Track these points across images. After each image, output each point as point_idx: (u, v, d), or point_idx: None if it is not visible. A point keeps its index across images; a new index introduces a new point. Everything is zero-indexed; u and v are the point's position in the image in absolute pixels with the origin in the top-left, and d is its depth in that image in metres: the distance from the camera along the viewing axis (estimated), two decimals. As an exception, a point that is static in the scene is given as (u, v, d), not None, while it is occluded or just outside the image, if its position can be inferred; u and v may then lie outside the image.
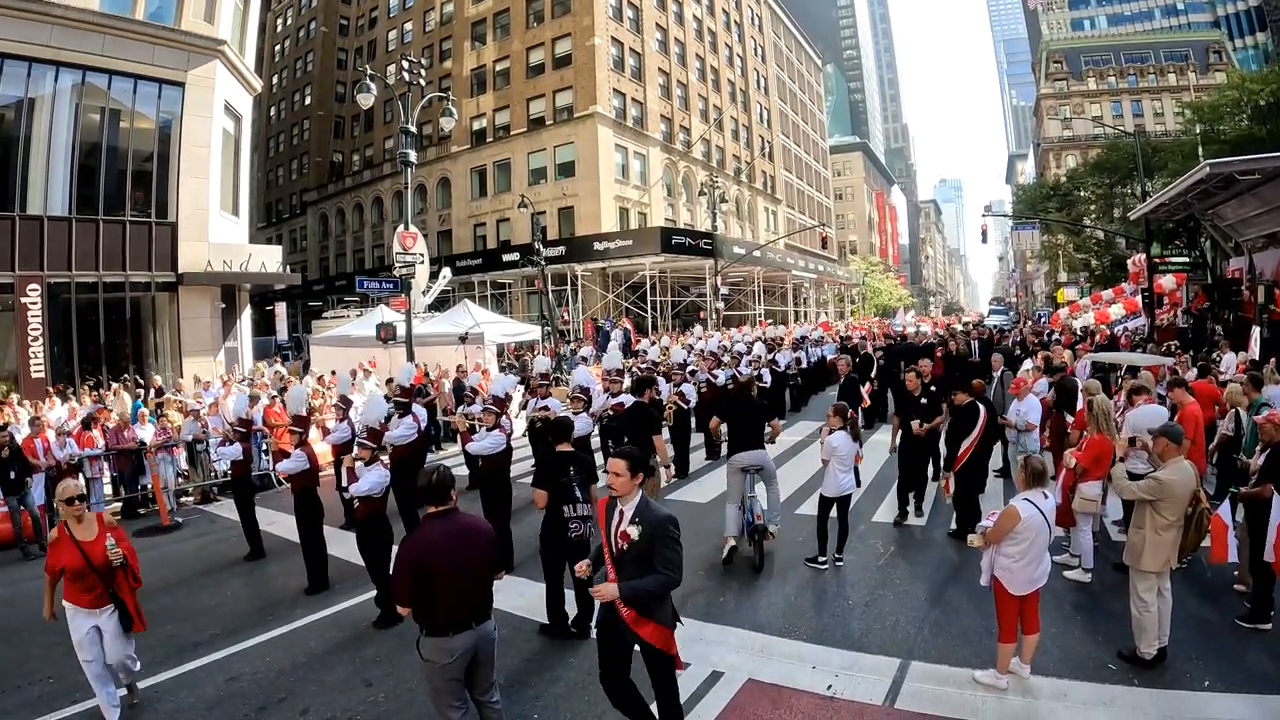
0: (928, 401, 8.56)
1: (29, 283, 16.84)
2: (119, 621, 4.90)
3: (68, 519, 4.96)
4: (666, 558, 3.71)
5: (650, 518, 3.82)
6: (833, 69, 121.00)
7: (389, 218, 47.39)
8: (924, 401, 8.55)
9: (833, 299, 62.97)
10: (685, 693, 4.89)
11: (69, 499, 4.95)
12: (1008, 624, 4.75)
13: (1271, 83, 30.52)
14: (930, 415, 8.49)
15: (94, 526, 4.98)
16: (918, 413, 8.51)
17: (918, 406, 8.55)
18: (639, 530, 3.78)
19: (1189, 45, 66.21)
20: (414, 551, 3.77)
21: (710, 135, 48.13)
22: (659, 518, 3.80)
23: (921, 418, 8.47)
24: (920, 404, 8.56)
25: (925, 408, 8.53)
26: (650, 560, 3.72)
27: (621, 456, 3.95)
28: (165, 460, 11.36)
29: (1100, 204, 41.30)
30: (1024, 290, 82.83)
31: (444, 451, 14.64)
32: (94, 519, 5.06)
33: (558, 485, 5.69)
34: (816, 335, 23.61)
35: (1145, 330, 20.76)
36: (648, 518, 3.82)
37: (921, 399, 8.59)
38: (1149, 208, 18.56)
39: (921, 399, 8.59)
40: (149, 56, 18.46)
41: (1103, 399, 6.92)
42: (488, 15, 43.04)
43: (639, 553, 3.77)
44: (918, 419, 8.48)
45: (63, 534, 4.86)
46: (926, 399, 8.59)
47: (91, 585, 4.80)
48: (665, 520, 3.80)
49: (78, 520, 4.95)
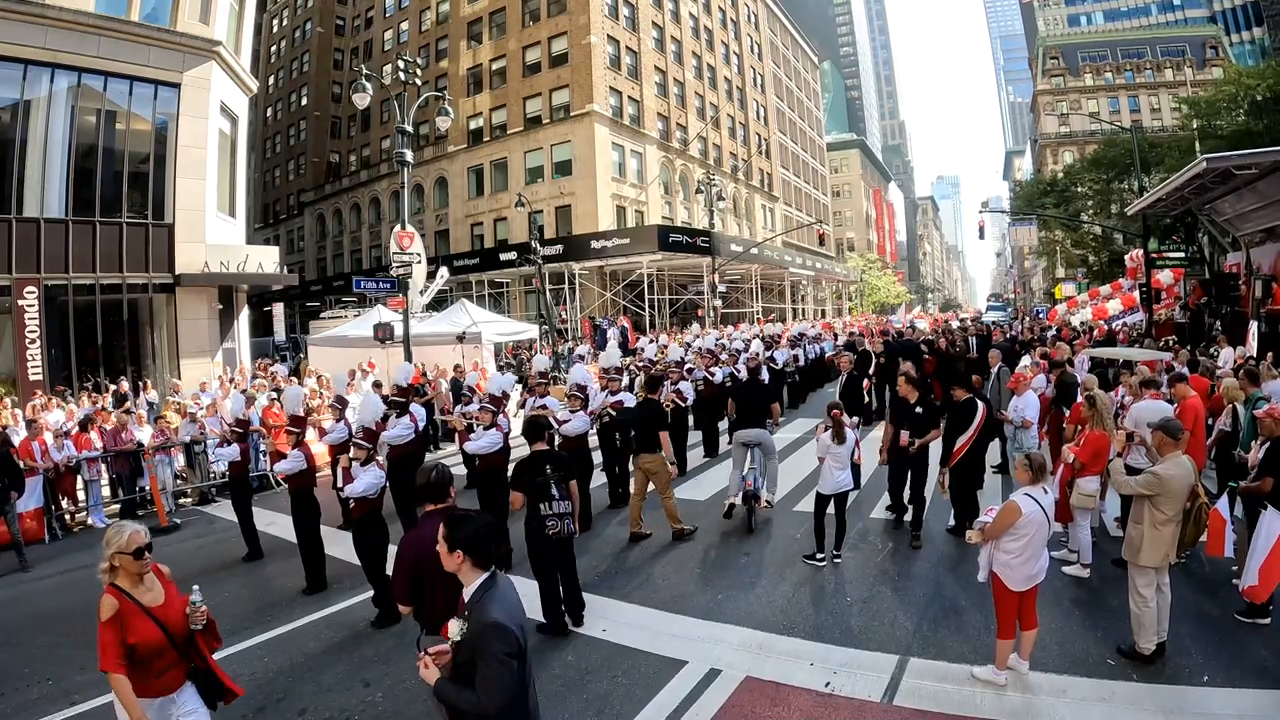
0: (924, 411, 7.65)
1: (26, 285, 16.80)
2: (202, 698, 3.53)
3: (125, 578, 3.39)
4: (485, 678, 2.72)
5: (478, 619, 2.77)
6: (829, 66, 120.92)
7: (386, 218, 47.37)
8: (919, 411, 7.63)
9: (831, 296, 62.97)
10: (683, 691, 4.91)
11: (135, 550, 3.35)
12: (1006, 620, 4.75)
13: (1268, 77, 30.55)
14: (924, 427, 7.61)
15: (156, 583, 3.52)
16: (911, 422, 7.63)
17: (911, 415, 7.67)
18: (462, 630, 2.80)
19: (1185, 40, 66.29)
20: (413, 550, 3.76)
21: (707, 133, 48.11)
22: (484, 625, 2.75)
23: (915, 429, 7.59)
24: (915, 414, 7.65)
25: (920, 418, 7.63)
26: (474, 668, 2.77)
27: (445, 526, 3.00)
28: (163, 462, 11.35)
29: (1097, 199, 41.31)
30: (1022, 286, 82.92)
31: (442, 451, 14.63)
32: (152, 572, 3.53)
33: (533, 485, 5.76)
34: (814, 332, 23.60)
35: (1143, 325, 20.79)
36: (476, 618, 2.79)
37: (917, 408, 7.66)
38: (1146, 203, 18.57)
39: (917, 408, 7.66)
40: (144, 58, 18.42)
41: (1102, 394, 6.92)
42: (484, 14, 42.97)
43: (464, 658, 2.81)
44: (909, 429, 7.61)
45: (120, 602, 3.33)
46: (923, 408, 7.68)
47: (169, 663, 3.41)
48: (488, 631, 2.73)
49: (139, 579, 3.42)
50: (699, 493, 10.18)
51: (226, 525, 9.78)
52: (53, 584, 8.19)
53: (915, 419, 7.59)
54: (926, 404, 7.77)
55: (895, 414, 8.05)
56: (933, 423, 7.66)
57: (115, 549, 3.34)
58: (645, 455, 8.07)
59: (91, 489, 11.00)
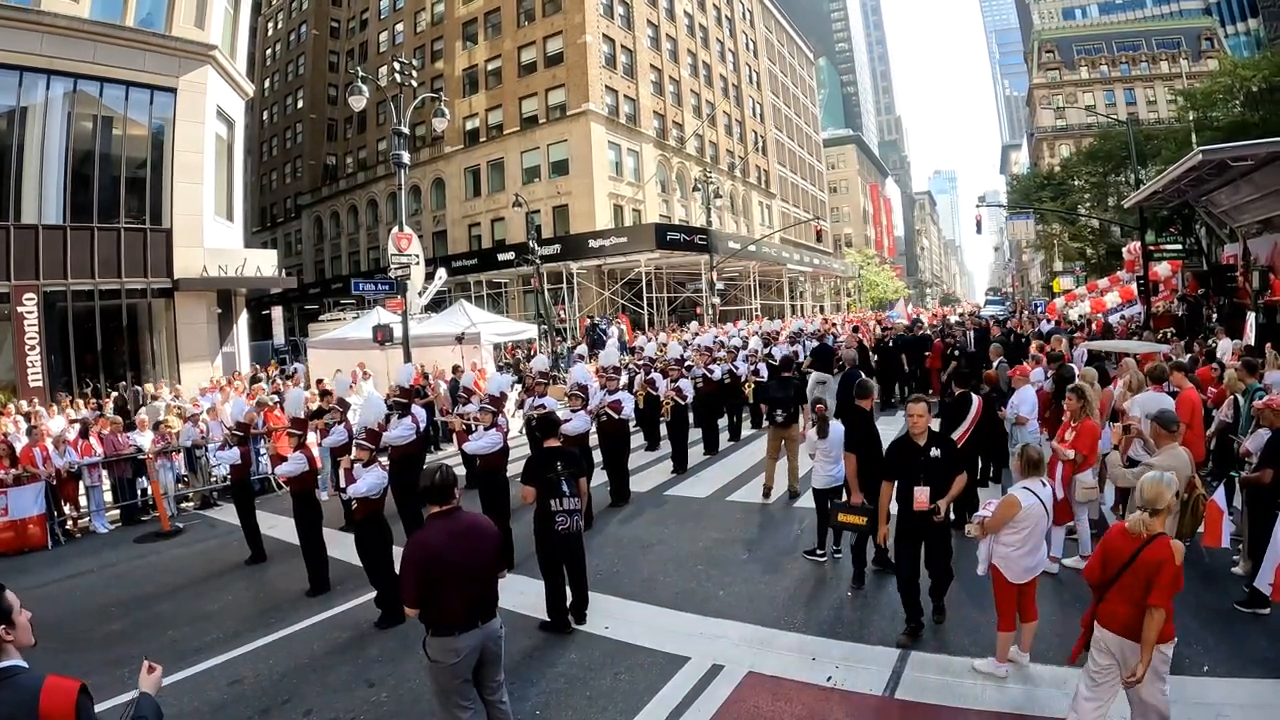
0: (942, 454, 5.28)
1: (25, 292, 16.82)
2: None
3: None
4: None
5: None
6: (825, 62, 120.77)
7: (384, 219, 47.35)
8: (935, 454, 5.25)
9: (829, 292, 62.98)
10: (686, 687, 4.93)
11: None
12: (1006, 612, 4.77)
13: (1263, 69, 30.54)
14: (944, 477, 5.22)
15: None
16: (926, 473, 5.19)
17: (923, 462, 5.23)
18: None
19: (1181, 33, 66.22)
20: (420, 552, 3.77)
21: (703, 131, 48.09)
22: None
23: (933, 481, 5.18)
24: (928, 460, 5.23)
25: (937, 465, 5.23)
26: None
27: None
28: (165, 466, 11.36)
29: (1094, 192, 41.28)
30: (1020, 280, 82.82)
31: (443, 451, 14.65)
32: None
33: (544, 481, 5.78)
34: (812, 328, 23.61)
35: (1141, 318, 20.79)
36: None
37: (932, 449, 5.26)
38: (1143, 195, 18.57)
39: (932, 449, 5.26)
40: (140, 63, 18.44)
41: (1088, 385, 6.89)
42: (478, 15, 42.95)
43: None
44: (926, 482, 5.16)
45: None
46: (941, 448, 5.30)
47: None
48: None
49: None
50: (700, 490, 10.21)
51: (229, 528, 9.80)
52: (53, 591, 8.19)
53: (931, 467, 5.23)
54: (944, 443, 5.41)
55: (897, 461, 5.38)
56: (952, 465, 5.31)
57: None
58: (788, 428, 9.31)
59: (93, 495, 11.03)
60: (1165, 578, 3.50)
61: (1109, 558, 3.75)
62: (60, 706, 2.28)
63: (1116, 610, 3.66)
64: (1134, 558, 3.60)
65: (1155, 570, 3.51)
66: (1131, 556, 3.61)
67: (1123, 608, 3.64)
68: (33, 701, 2.26)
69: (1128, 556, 3.63)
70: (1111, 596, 3.69)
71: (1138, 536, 3.64)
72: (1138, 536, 3.64)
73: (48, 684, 2.32)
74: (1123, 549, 3.68)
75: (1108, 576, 3.72)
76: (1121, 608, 3.64)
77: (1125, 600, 3.63)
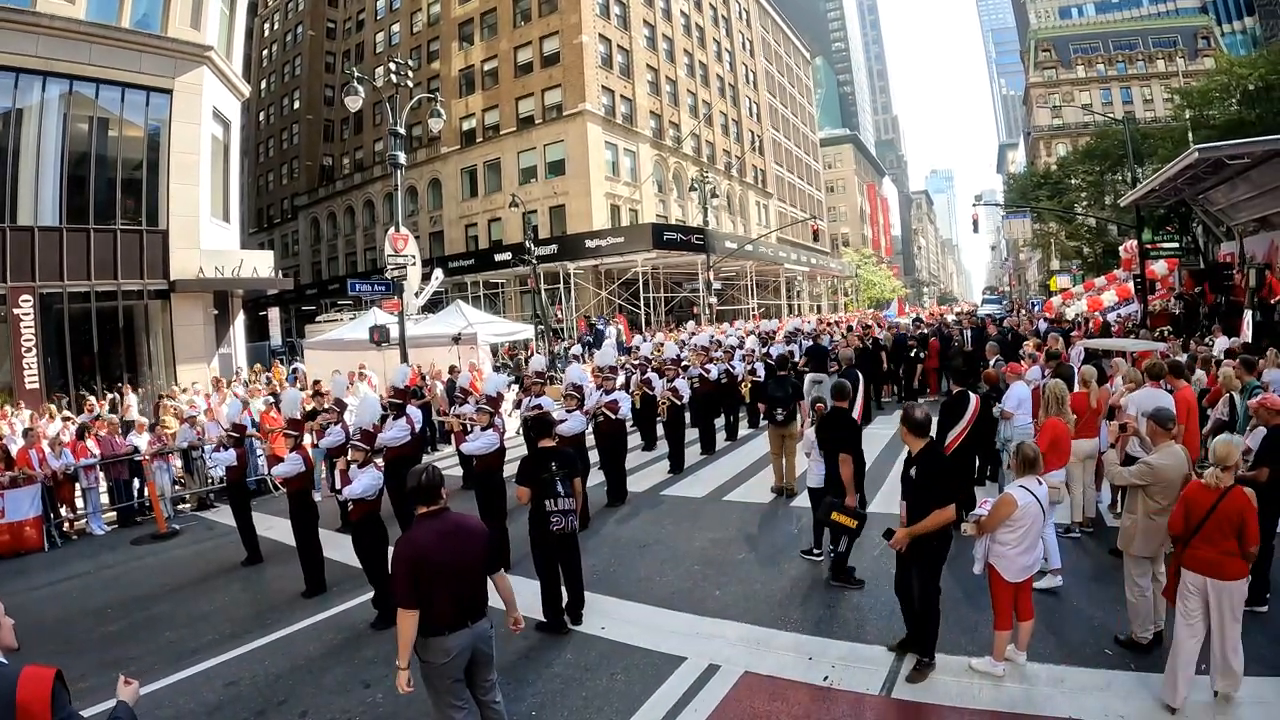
0: (916, 475, 4.89)
1: (21, 294, 16.78)
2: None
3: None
4: None
5: None
6: (821, 62, 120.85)
7: (380, 220, 47.26)
8: (912, 473, 4.92)
9: (826, 292, 63.00)
10: (682, 687, 4.93)
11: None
12: (1003, 611, 4.77)
13: (1260, 67, 30.62)
14: (918, 496, 4.81)
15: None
16: (904, 486, 4.97)
17: (905, 478, 5.00)
18: None
19: (1177, 31, 66.31)
20: (409, 552, 3.77)
21: (700, 130, 48.10)
22: None
23: (912, 499, 4.83)
24: (906, 476, 5.00)
25: (908, 486, 4.93)
26: None
27: None
28: (161, 468, 11.35)
29: (1091, 191, 41.36)
30: (1017, 279, 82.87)
31: (440, 452, 14.63)
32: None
33: (539, 481, 5.77)
34: (809, 328, 23.60)
35: (1138, 316, 20.81)
36: None
37: (911, 468, 4.93)
38: (1140, 194, 18.60)
39: (911, 468, 4.93)
40: (136, 64, 18.38)
41: (1056, 384, 6.87)
42: (475, 15, 42.91)
43: None
44: (903, 496, 4.94)
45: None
46: (917, 467, 4.88)
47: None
48: None
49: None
50: (697, 490, 10.20)
51: (225, 530, 9.79)
52: (50, 593, 8.18)
53: (906, 485, 4.96)
54: (922, 463, 4.88)
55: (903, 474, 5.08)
56: (932, 495, 4.72)
57: None
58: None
59: (90, 496, 11.01)
60: (1252, 520, 4.19)
61: (1191, 510, 4.29)
62: (36, 694, 2.35)
63: (1200, 555, 4.23)
64: (1214, 507, 4.19)
65: (1239, 516, 4.16)
66: (1212, 506, 4.20)
67: (1207, 552, 4.20)
68: (10, 691, 2.33)
69: (1208, 507, 4.21)
70: (1196, 543, 4.25)
71: (1215, 489, 4.24)
72: (1215, 489, 4.24)
73: (24, 673, 2.39)
74: (1202, 501, 4.25)
75: (1191, 526, 4.27)
76: (1205, 552, 4.21)
77: (1209, 545, 4.20)
